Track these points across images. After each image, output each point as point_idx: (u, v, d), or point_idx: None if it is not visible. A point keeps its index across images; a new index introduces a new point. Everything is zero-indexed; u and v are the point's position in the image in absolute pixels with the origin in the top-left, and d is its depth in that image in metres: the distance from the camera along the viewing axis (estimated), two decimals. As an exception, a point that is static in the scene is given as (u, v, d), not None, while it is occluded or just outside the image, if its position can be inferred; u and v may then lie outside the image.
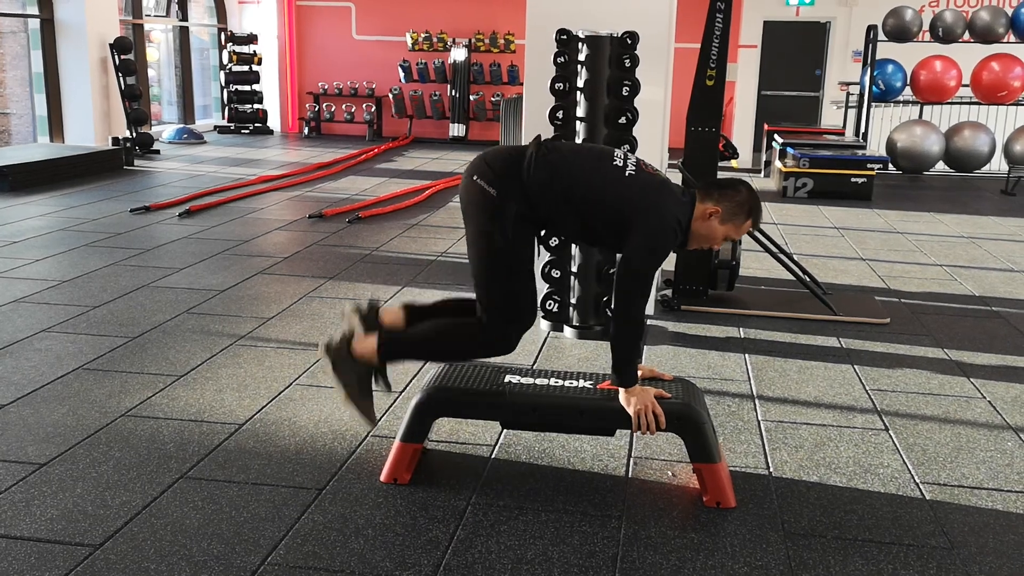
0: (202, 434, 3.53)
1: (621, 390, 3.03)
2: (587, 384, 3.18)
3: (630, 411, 3.00)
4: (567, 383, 3.19)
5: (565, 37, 4.67)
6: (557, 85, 4.69)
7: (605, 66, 4.62)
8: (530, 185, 2.98)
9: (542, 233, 3.33)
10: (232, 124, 14.40)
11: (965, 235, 7.86)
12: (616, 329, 2.99)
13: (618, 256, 3.18)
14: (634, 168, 3.03)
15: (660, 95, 5.11)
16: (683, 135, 5.34)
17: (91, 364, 4.24)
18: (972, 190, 10.51)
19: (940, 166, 11.34)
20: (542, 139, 3.11)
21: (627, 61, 4.61)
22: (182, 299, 5.32)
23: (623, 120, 4.64)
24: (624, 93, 4.62)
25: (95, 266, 6.01)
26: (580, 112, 4.69)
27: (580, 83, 4.67)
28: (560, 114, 4.71)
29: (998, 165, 11.38)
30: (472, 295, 3.15)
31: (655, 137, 5.14)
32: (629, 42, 4.60)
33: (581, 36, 4.64)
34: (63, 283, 5.58)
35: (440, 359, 3.26)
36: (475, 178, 3.03)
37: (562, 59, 4.68)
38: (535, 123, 5.12)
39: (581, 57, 4.65)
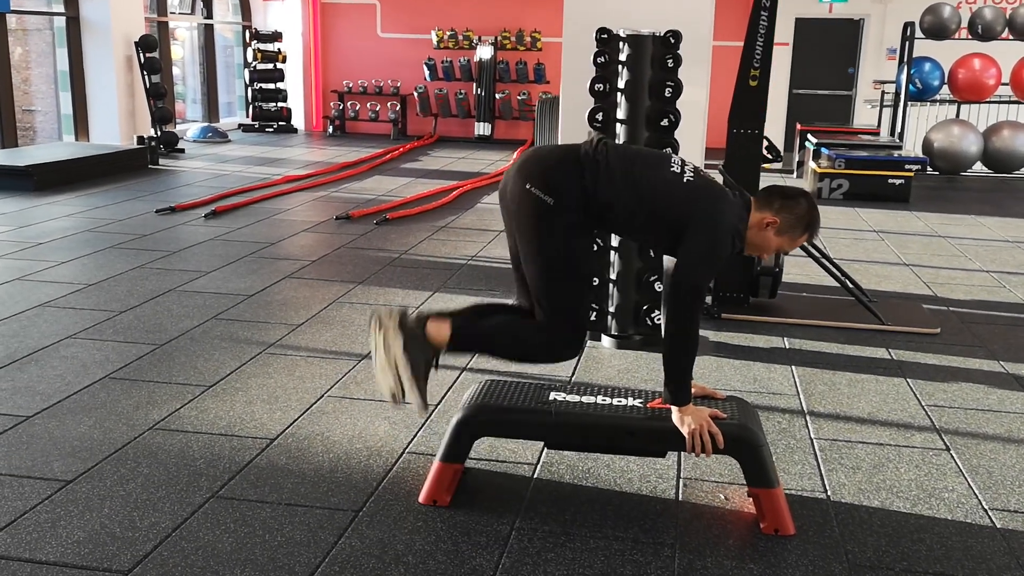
0: (233, 449, 3.40)
1: (674, 409, 2.88)
2: (637, 402, 3.03)
3: (684, 431, 2.84)
4: (615, 401, 3.03)
5: (606, 36, 4.51)
6: (597, 86, 4.53)
7: (647, 66, 4.44)
8: (593, 191, 2.82)
9: (597, 238, 3.18)
10: (256, 122, 14.32)
11: (1009, 239, 7.63)
12: (669, 343, 2.83)
13: (665, 261, 3.05)
14: (692, 175, 2.88)
15: (701, 96, 4.94)
16: (719, 136, 5.17)
17: (117, 373, 4.12)
18: (1012, 192, 10.25)
19: (978, 167, 11.08)
20: (600, 139, 2.96)
21: (670, 61, 4.44)
22: (209, 304, 5.20)
23: (665, 122, 4.47)
24: (667, 94, 4.45)
25: (121, 269, 5.91)
26: (620, 114, 4.52)
27: (621, 84, 4.50)
28: (600, 116, 4.54)
29: (1038, 166, 11.10)
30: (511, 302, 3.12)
31: (695, 139, 4.98)
32: (672, 41, 4.43)
33: (622, 35, 4.47)
34: (89, 287, 5.48)
35: (503, 356, 3.10)
36: (528, 187, 2.84)
37: (602, 59, 4.52)
38: (573, 124, 4.97)
39: (622, 57, 4.48)
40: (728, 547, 2.83)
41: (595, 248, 3.06)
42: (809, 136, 10.31)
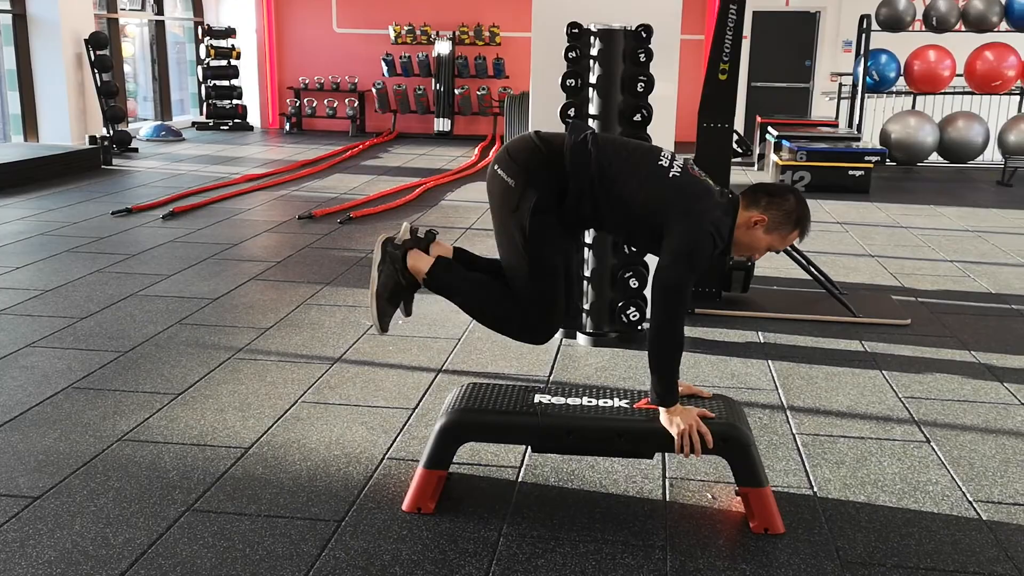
0: (206, 460, 3.29)
1: (662, 409, 2.83)
2: (623, 403, 2.98)
3: (672, 432, 2.80)
4: (601, 402, 2.98)
5: (577, 31, 4.46)
6: (569, 81, 4.47)
7: (619, 61, 4.41)
8: (575, 181, 2.81)
9: (575, 229, 3.08)
10: (211, 120, 14.07)
11: (970, 229, 7.72)
12: (654, 345, 2.79)
13: (648, 260, 3.01)
14: (679, 170, 2.83)
15: (671, 91, 4.91)
16: (684, 130, 5.14)
17: (81, 382, 3.98)
18: (968, 182, 10.40)
19: (934, 157, 11.23)
20: (590, 131, 2.91)
21: (642, 56, 4.40)
22: (173, 308, 5.06)
23: (638, 118, 4.43)
24: (639, 89, 4.41)
25: (79, 273, 5.73)
26: (592, 110, 4.48)
27: (592, 79, 4.46)
28: (572, 112, 4.49)
29: (991, 155, 11.28)
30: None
31: (666, 134, 4.94)
32: (644, 36, 4.39)
33: (593, 30, 4.42)
34: (46, 292, 5.31)
35: (475, 316, 3.08)
36: (496, 168, 2.91)
37: (573, 54, 4.47)
38: (543, 121, 4.90)
39: (593, 52, 4.43)
40: (719, 547, 2.80)
41: (564, 240, 2.92)
42: (769, 129, 10.37)
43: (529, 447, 3.27)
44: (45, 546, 2.72)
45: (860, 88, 10.86)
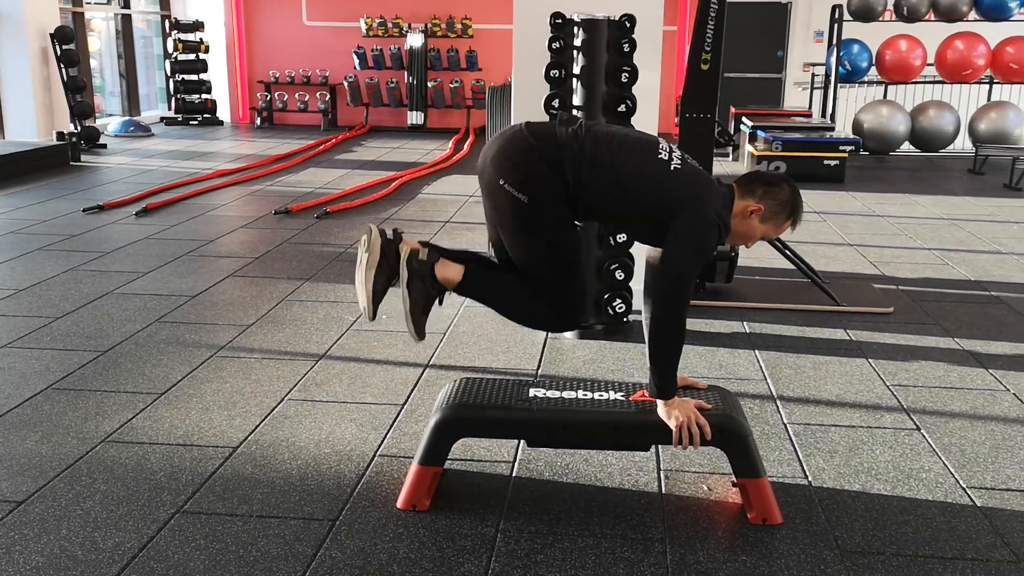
0: (194, 460, 3.23)
1: (660, 402, 2.81)
2: (619, 396, 2.96)
3: (671, 424, 2.78)
4: (597, 395, 2.96)
5: (560, 21, 4.42)
6: (552, 72, 4.44)
7: (603, 51, 4.37)
8: (575, 183, 2.71)
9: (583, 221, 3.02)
10: (180, 115, 13.87)
11: (945, 217, 7.79)
12: (657, 337, 2.75)
13: (647, 252, 2.98)
14: (679, 162, 2.79)
15: (655, 81, 4.89)
16: (663, 121, 5.11)
17: (60, 383, 3.90)
18: (940, 170, 10.49)
19: (905, 146, 11.32)
20: (581, 124, 2.83)
21: (626, 46, 4.37)
22: (151, 306, 4.97)
23: (622, 108, 4.40)
24: (623, 80, 4.38)
25: (52, 272, 5.62)
26: (576, 100, 4.44)
27: (576, 69, 4.42)
28: (556, 103, 4.46)
29: (962, 144, 11.39)
30: None
31: (650, 125, 4.91)
32: (628, 25, 4.37)
33: (577, 19, 4.39)
34: (19, 292, 5.20)
35: (508, 316, 3.00)
36: (502, 183, 2.73)
37: (557, 44, 4.43)
38: (526, 113, 4.87)
39: (577, 42, 4.40)
40: (718, 539, 2.78)
41: (577, 234, 2.90)
42: (744, 119, 10.40)
43: (523, 441, 3.24)
44: (32, 551, 2.65)
45: (833, 78, 10.91)
